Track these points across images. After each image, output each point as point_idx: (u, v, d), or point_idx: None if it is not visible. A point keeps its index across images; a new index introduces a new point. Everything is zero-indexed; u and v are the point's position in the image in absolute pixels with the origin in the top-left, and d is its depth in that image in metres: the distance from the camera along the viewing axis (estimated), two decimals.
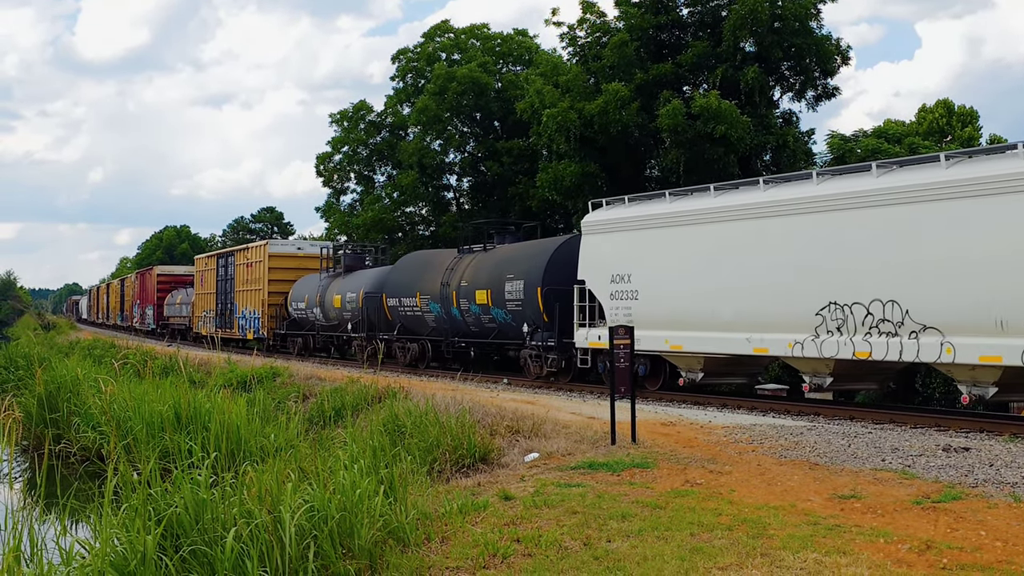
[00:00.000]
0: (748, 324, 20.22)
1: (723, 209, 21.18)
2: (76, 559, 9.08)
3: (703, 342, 21.31)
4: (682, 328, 21.69)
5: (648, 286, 22.64)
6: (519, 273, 26.79)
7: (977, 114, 55.21)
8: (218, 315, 49.23)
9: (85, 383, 22.77)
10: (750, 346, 20.26)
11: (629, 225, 23.49)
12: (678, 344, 21.87)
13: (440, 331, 31.07)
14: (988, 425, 16.52)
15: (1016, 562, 8.11)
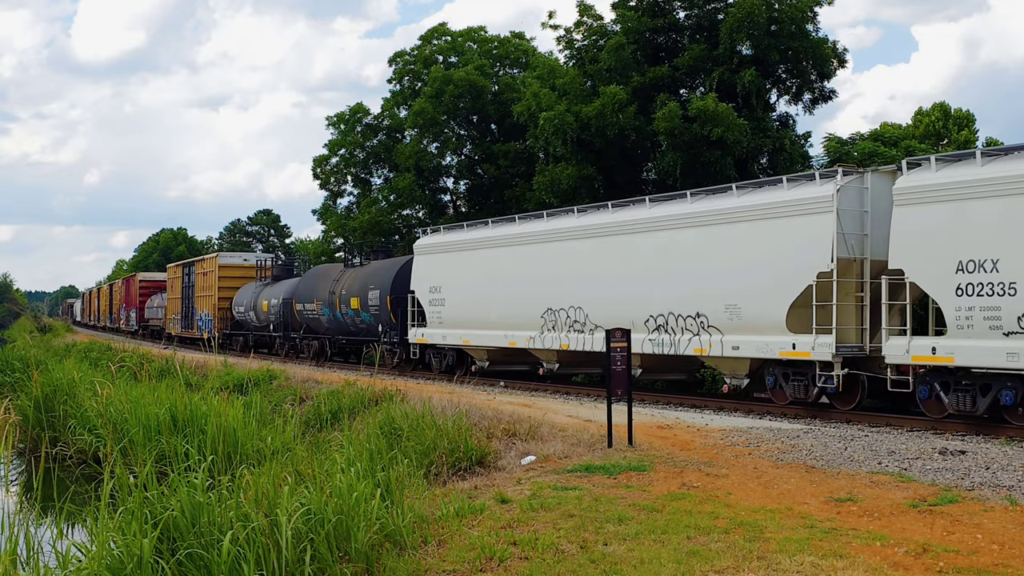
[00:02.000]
0: (505, 325, 27.13)
1: (494, 238, 28.46)
2: (72, 563, 9.08)
3: (483, 338, 28.10)
4: (472, 328, 28.44)
5: (452, 296, 29.32)
6: (377, 284, 33.48)
7: (973, 117, 55.30)
8: (183, 317, 55.24)
9: (82, 386, 22.74)
10: (506, 341, 27.14)
11: (441, 249, 30.50)
12: (468, 340, 28.67)
13: (331, 330, 37.64)
14: (984, 428, 16.54)
15: (1012, 565, 8.12)
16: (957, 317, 16.61)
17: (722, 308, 20.76)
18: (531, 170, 43.96)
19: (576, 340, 24.51)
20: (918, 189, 17.48)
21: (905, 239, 17.58)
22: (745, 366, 20.76)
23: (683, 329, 21.72)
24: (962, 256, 16.59)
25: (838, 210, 18.57)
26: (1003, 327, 15.94)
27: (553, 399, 23.28)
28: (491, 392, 24.63)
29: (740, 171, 34.33)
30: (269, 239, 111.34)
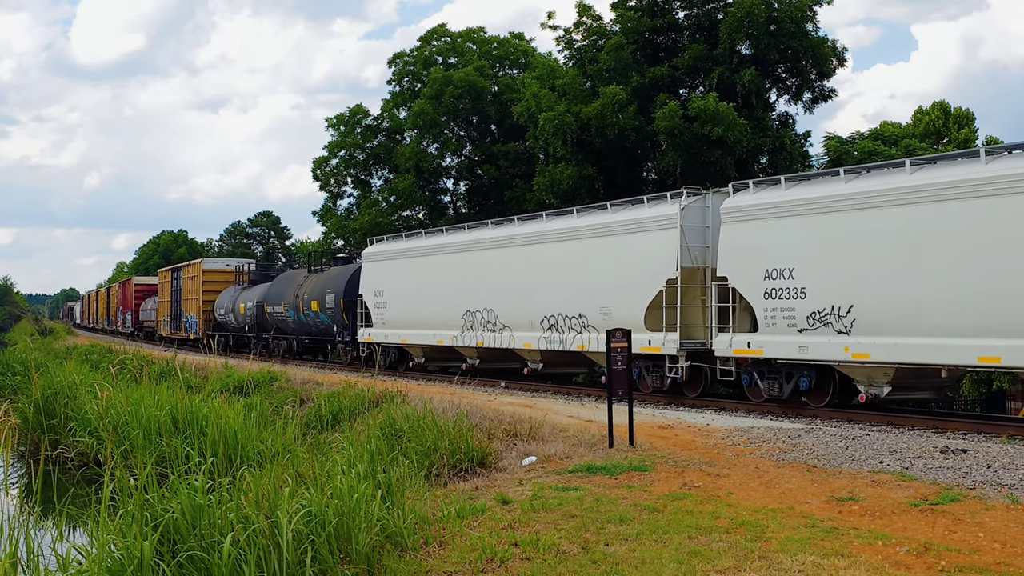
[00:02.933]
0: (434, 325, 30.05)
1: (425, 248, 31.83)
2: (73, 565, 9.07)
3: (417, 337, 31.19)
4: (408, 328, 31.46)
5: (392, 299, 32.40)
6: (332, 289, 36.76)
7: (973, 116, 55.31)
8: (172, 319, 58.56)
9: (82, 388, 22.74)
10: (435, 339, 30.01)
11: (383, 257, 33.62)
12: (405, 339, 31.72)
13: (296, 331, 40.57)
14: (986, 427, 16.54)
15: (1014, 564, 8.11)
16: (764, 316, 19.77)
17: (598, 309, 23.78)
18: (531, 171, 44.00)
19: (489, 338, 27.75)
20: (738, 209, 20.67)
21: (728, 251, 20.68)
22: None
23: (569, 328, 24.80)
24: (768, 265, 19.72)
25: (682, 226, 21.59)
26: (797, 324, 19.17)
27: (554, 399, 23.27)
28: (492, 393, 24.62)
29: (740, 170, 34.35)
30: (269, 241, 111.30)
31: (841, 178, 19.14)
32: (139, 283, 75.79)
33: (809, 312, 19.03)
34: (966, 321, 16.44)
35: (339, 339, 36.45)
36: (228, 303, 48.41)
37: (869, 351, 17.99)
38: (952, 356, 16.81)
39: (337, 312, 36.09)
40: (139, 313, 71.44)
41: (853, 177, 19.00)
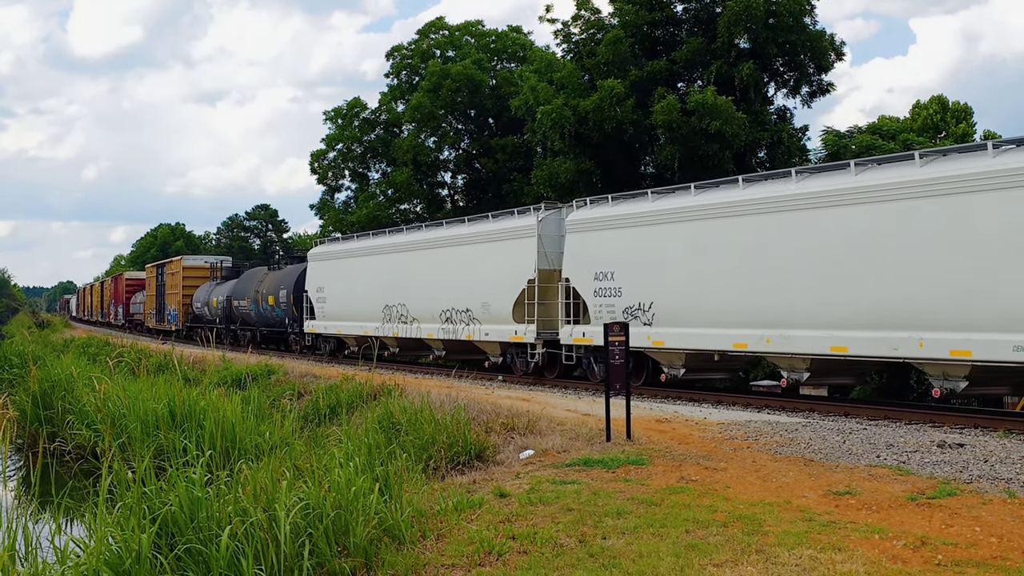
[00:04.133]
0: (362, 318, 34.44)
1: (354, 250, 36.42)
2: (71, 558, 9.08)
3: (349, 328, 35.59)
4: (343, 320, 36.05)
5: (330, 295, 37.16)
6: (285, 285, 41.44)
7: (971, 110, 55.18)
8: (157, 312, 62.96)
9: (80, 381, 22.73)
10: (362, 330, 34.23)
11: (324, 257, 38.36)
12: (340, 330, 36.43)
13: (257, 323, 45.22)
14: (983, 421, 16.56)
15: (1011, 558, 8.13)
16: (594, 311, 24.27)
17: (480, 304, 28.03)
18: (529, 164, 43.96)
19: (403, 329, 32.17)
20: (578, 221, 25.18)
21: (570, 256, 25.19)
22: (496, 348, 28.29)
23: (460, 320, 29.09)
24: (597, 269, 24.19)
25: (540, 235, 26.13)
26: (616, 317, 23.15)
27: (551, 393, 23.30)
28: (489, 386, 24.64)
29: (738, 164, 34.34)
30: (267, 234, 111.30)
31: (648, 198, 23.74)
32: (130, 278, 79.63)
33: (624, 307, 23.38)
34: (728, 315, 20.77)
35: (290, 330, 41.10)
36: (204, 297, 52.63)
37: (664, 339, 22.36)
38: (718, 343, 21.15)
39: (288, 306, 40.89)
40: (130, 306, 75.27)
41: (658, 197, 23.54)
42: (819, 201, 19.06)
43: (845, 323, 18.35)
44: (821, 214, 19.01)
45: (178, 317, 56.41)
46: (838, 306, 18.48)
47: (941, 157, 17.62)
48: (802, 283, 19.17)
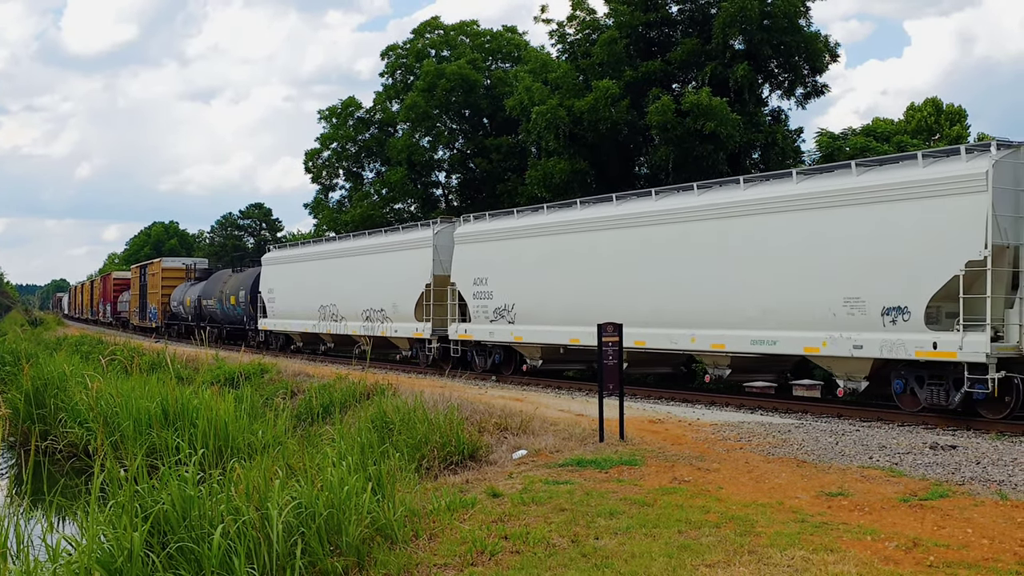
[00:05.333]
0: (303, 316, 39.13)
1: (295, 256, 41.59)
2: (62, 556, 9.05)
3: (293, 325, 40.22)
4: (289, 318, 40.57)
5: (279, 296, 41.50)
6: (244, 286, 45.97)
7: (965, 112, 55.34)
8: (139, 310, 67.27)
9: (72, 379, 22.67)
10: (303, 328, 39.13)
11: (273, 262, 43.29)
12: (287, 327, 40.99)
13: (222, 320, 49.19)
14: (975, 423, 16.61)
15: (1002, 559, 8.14)
16: (473, 311, 28.48)
17: (391, 305, 32.31)
18: (523, 164, 43.97)
19: (335, 327, 36.37)
20: (463, 234, 29.54)
21: (456, 264, 29.47)
22: (406, 343, 32.49)
23: (377, 319, 33.18)
24: (475, 275, 28.48)
25: (435, 245, 30.36)
26: (489, 317, 27.66)
27: (545, 393, 23.31)
28: (483, 386, 24.65)
29: (733, 165, 34.37)
30: (261, 233, 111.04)
31: (515, 216, 28.30)
32: (117, 277, 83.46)
33: (495, 308, 27.56)
34: (567, 314, 24.83)
35: (248, 327, 45.46)
36: (179, 297, 56.77)
37: (523, 335, 26.65)
38: (561, 338, 25.28)
39: (247, 305, 45.36)
40: (117, 304, 79.16)
41: (522, 215, 28.03)
42: (630, 221, 23.59)
43: (645, 322, 22.17)
44: (629, 232, 23.59)
45: (158, 315, 60.66)
46: (639, 309, 22.49)
47: (718, 187, 22.34)
48: (615, 289, 23.52)
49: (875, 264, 17.94)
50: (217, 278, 51.29)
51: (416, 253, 31.33)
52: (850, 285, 18.29)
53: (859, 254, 18.23)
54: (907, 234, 17.49)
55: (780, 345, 19.58)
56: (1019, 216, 16.73)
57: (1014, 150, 16.88)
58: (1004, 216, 16.49)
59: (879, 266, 17.87)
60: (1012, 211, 16.62)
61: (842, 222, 18.61)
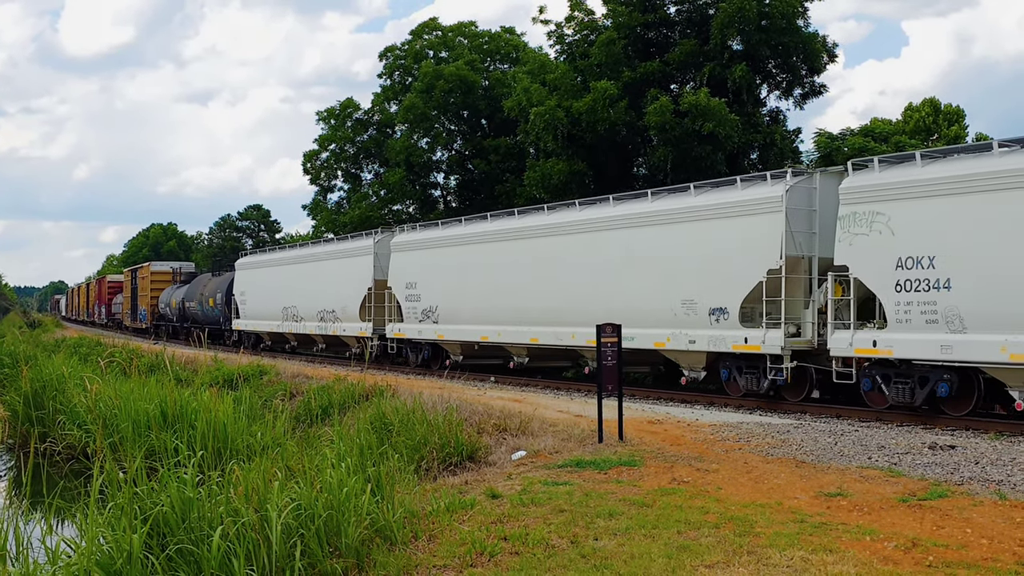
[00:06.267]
0: (270, 317, 42.27)
1: (262, 262, 45.48)
2: (62, 558, 9.04)
3: (262, 325, 43.37)
4: (258, 319, 43.81)
5: (249, 299, 44.85)
6: (221, 289, 49.12)
7: (963, 113, 55.38)
8: (131, 312, 70.58)
9: (71, 381, 22.66)
10: (270, 328, 42.44)
11: (245, 267, 46.59)
12: (257, 327, 44.18)
13: (202, 321, 51.32)
14: (974, 423, 16.62)
15: (1002, 559, 8.15)
16: (406, 312, 31.79)
17: (341, 308, 35.63)
18: (522, 165, 43.97)
19: (296, 327, 39.69)
20: (399, 243, 32.91)
21: (392, 270, 32.71)
22: (353, 341, 35.52)
23: (330, 319, 36.39)
24: (407, 280, 31.83)
25: (375, 253, 33.84)
26: (418, 317, 31.05)
27: (543, 394, 23.31)
28: (482, 387, 24.66)
29: (731, 166, 34.39)
30: (259, 234, 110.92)
31: (441, 227, 32.02)
32: (111, 280, 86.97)
33: (422, 309, 30.81)
34: (478, 315, 28.04)
35: (224, 327, 48.27)
36: (166, 299, 59.96)
37: (444, 334, 29.81)
38: (474, 336, 28.40)
39: (222, 307, 48.61)
40: (111, 306, 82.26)
41: (447, 226, 31.81)
42: (524, 233, 27.06)
43: (538, 321, 25.82)
44: (524, 243, 26.93)
45: (147, 316, 64.44)
46: (532, 311, 25.93)
47: (596, 205, 25.47)
48: (513, 293, 26.72)
49: (704, 271, 21.22)
50: (199, 281, 55.01)
51: (360, 260, 34.74)
52: (687, 289, 21.54)
53: (693, 263, 21.53)
54: (727, 246, 20.73)
55: (638, 341, 21.94)
56: (812, 232, 19.71)
57: (807, 176, 20.01)
58: (799, 232, 19.63)
59: (707, 273, 21.14)
60: (806, 228, 19.74)
61: (682, 236, 22.06)
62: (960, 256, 16.66)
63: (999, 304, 16.12)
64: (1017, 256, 15.83)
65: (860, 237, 18.18)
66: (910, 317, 17.26)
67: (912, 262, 17.32)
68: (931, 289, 17.03)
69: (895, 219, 17.67)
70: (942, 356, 16.80)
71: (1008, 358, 15.90)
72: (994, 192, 16.27)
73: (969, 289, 16.53)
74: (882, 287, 17.83)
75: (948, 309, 16.75)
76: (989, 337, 16.14)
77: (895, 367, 17.80)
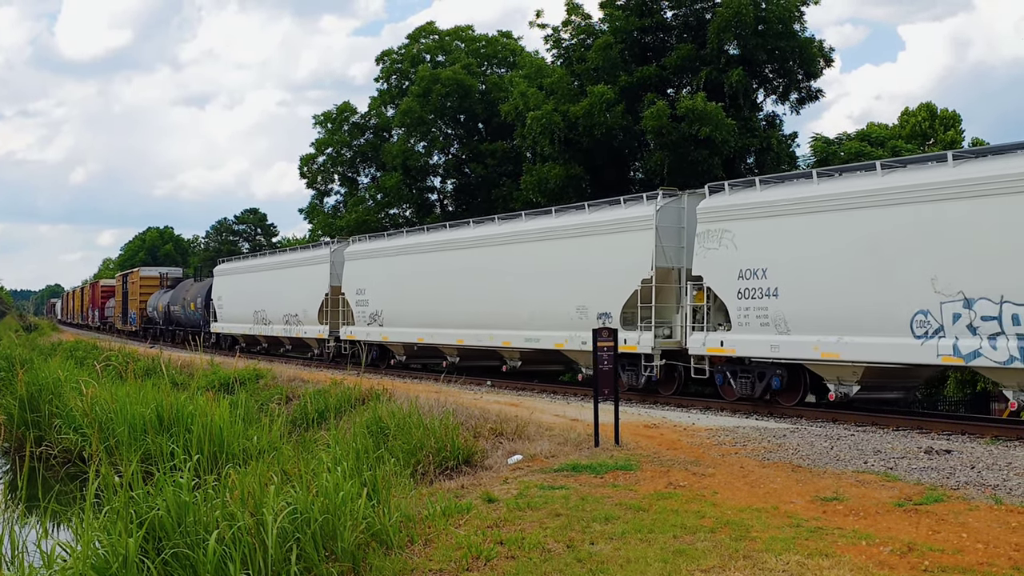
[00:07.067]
0: (243, 320, 44.54)
1: (236, 268, 48.30)
2: (57, 562, 9.03)
3: (236, 328, 45.68)
4: (233, 322, 46.23)
5: (226, 303, 47.43)
6: (201, 293, 52.06)
7: (960, 117, 55.45)
8: (122, 315, 73.30)
9: (67, 385, 22.64)
10: (243, 330, 44.70)
11: (222, 273, 49.33)
12: (231, 330, 46.56)
13: (185, 324, 54.67)
14: (970, 427, 16.65)
15: (997, 564, 8.15)
16: (356, 316, 34.18)
17: (302, 310, 38.38)
18: (518, 169, 44.00)
19: (265, 329, 42.45)
20: (351, 252, 35.40)
21: (345, 277, 35.29)
22: (314, 342, 38.27)
23: (294, 322, 39.26)
24: (357, 286, 34.47)
25: (331, 261, 36.34)
26: (367, 320, 33.47)
27: (540, 398, 23.30)
28: (478, 391, 24.63)
29: (728, 170, 34.41)
30: (256, 238, 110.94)
31: (386, 238, 35.02)
32: (104, 285, 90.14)
33: (370, 313, 33.41)
34: (415, 319, 30.84)
35: (204, 330, 50.48)
36: (154, 303, 62.88)
37: (388, 336, 32.40)
38: (412, 338, 31.01)
39: (202, 310, 51.54)
40: (104, 310, 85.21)
41: (392, 237, 34.76)
42: (454, 245, 29.75)
43: (463, 324, 28.30)
44: (452, 254, 29.67)
45: (136, 319, 67.66)
46: (458, 315, 28.49)
47: (512, 220, 28.19)
48: (444, 299, 29.40)
49: (593, 281, 23.80)
50: (183, 287, 58.19)
51: (318, 268, 37.76)
52: (580, 297, 24.08)
53: (585, 273, 24.14)
54: (610, 258, 23.35)
55: (543, 342, 25.46)
56: (681, 246, 22.21)
57: (676, 198, 22.56)
58: (669, 246, 22.25)
59: (595, 282, 23.72)
60: (675, 243, 22.29)
61: (576, 249, 24.67)
62: (785, 268, 19.47)
63: (812, 309, 18.91)
64: (824, 268, 18.69)
65: (712, 251, 20.98)
66: (748, 320, 20.02)
67: (750, 273, 20.09)
68: (763, 296, 19.85)
69: (738, 236, 20.46)
70: (772, 354, 19.57)
71: (820, 355, 18.66)
72: (810, 215, 19.18)
73: (792, 296, 19.29)
74: (728, 294, 20.52)
75: (776, 314, 19.53)
76: (806, 338, 18.93)
77: (742, 364, 20.45)
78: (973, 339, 16.35)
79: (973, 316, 16.40)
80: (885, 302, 17.64)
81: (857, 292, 18.08)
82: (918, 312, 17.18)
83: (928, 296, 17.00)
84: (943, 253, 16.85)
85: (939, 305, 16.88)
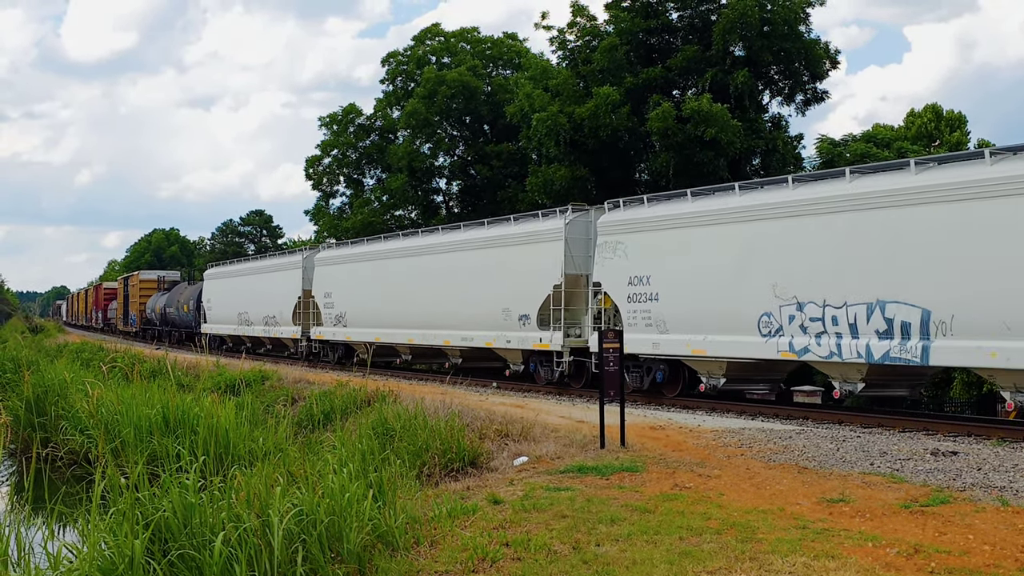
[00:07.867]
0: (230, 321, 47.41)
1: (226, 271, 51.42)
2: (63, 564, 9.04)
3: (223, 329, 48.49)
4: (221, 323, 48.92)
5: (215, 305, 50.21)
6: (193, 296, 55.10)
7: (965, 118, 55.19)
8: (123, 316, 76.72)
9: (73, 386, 22.66)
10: (229, 331, 47.88)
11: (212, 277, 52.47)
12: (220, 331, 48.96)
13: (180, 325, 57.69)
14: (976, 429, 16.63)
15: (1004, 566, 8.14)
16: (324, 317, 37.20)
17: (279, 313, 41.40)
18: (524, 171, 44.00)
19: (247, 330, 45.27)
20: (320, 259, 38.66)
21: (316, 281, 38.35)
22: (290, 342, 41.12)
23: (272, 323, 42.15)
24: (325, 290, 37.38)
25: (303, 267, 39.54)
26: (332, 321, 36.33)
27: (545, 400, 23.31)
28: (483, 393, 24.65)
29: (733, 172, 34.38)
30: (261, 240, 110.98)
31: (350, 246, 37.93)
32: (107, 287, 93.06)
33: (335, 315, 36.23)
34: (374, 320, 33.39)
35: (196, 330, 53.04)
36: (152, 305, 65.85)
37: (351, 335, 35.17)
38: (370, 337, 33.15)
39: (194, 312, 54.26)
40: (107, 312, 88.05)
41: (356, 244, 37.68)
42: (404, 253, 32.81)
43: (415, 325, 31.13)
44: (405, 261, 32.57)
45: (136, 321, 70.60)
46: (411, 317, 31.28)
47: (453, 230, 31.40)
48: (398, 302, 32.11)
49: (515, 286, 26.51)
50: (178, 290, 60.95)
51: (292, 272, 40.70)
52: (505, 300, 26.73)
53: (509, 279, 26.83)
54: (528, 266, 26.11)
55: (476, 341, 28.19)
56: (589, 256, 24.69)
57: (584, 212, 25.40)
58: (577, 256, 24.97)
59: (517, 287, 26.43)
60: (584, 252, 24.97)
61: (503, 257, 27.43)
62: (664, 276, 22.01)
63: (684, 311, 21.41)
64: (693, 275, 21.20)
65: (608, 260, 23.59)
66: (636, 321, 22.53)
67: (637, 280, 22.66)
68: (647, 300, 22.37)
69: (629, 247, 23.09)
70: (654, 351, 22.18)
71: (691, 352, 21.29)
72: (683, 229, 21.79)
73: (669, 300, 21.84)
74: (621, 298, 23.08)
75: (658, 315, 22.06)
76: (680, 336, 21.49)
77: (634, 360, 22.77)
78: (804, 337, 18.85)
79: (804, 318, 18.91)
80: (739, 305, 20.11)
81: (718, 296, 20.59)
82: (763, 314, 19.73)
83: (770, 300, 19.54)
84: (781, 263, 19.45)
85: (779, 308, 19.43)
